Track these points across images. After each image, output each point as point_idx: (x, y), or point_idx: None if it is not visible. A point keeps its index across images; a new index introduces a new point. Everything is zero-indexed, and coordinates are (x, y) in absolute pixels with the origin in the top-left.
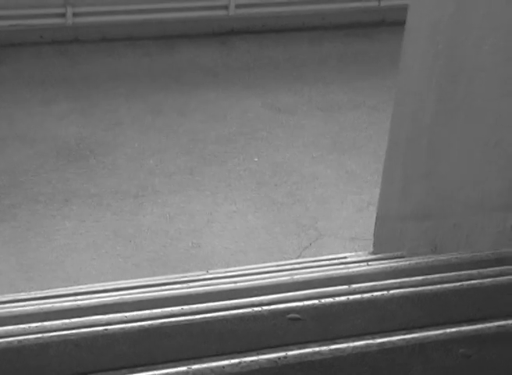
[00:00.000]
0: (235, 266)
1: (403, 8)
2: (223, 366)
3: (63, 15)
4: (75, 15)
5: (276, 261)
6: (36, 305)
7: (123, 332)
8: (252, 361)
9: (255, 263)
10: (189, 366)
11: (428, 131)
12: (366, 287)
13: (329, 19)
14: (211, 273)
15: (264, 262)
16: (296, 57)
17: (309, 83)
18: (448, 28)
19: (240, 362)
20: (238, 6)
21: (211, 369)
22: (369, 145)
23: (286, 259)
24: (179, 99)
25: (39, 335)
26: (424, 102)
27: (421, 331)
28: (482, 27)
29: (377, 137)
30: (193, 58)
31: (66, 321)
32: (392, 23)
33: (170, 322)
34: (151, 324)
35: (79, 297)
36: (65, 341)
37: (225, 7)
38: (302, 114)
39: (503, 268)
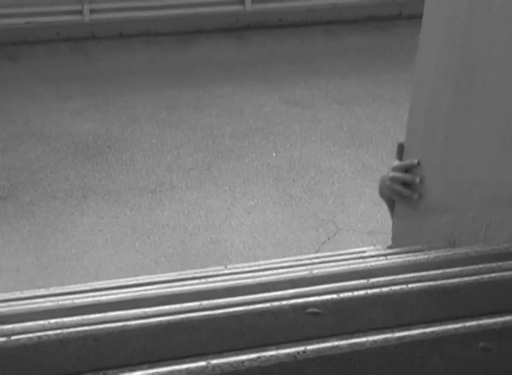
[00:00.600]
0: (253, 261)
1: (420, 2)
2: (242, 361)
3: (80, 12)
4: (92, 11)
5: (295, 255)
6: (55, 301)
7: (143, 327)
8: (271, 355)
9: (274, 258)
10: (208, 361)
11: (445, 126)
12: (384, 281)
13: (346, 13)
14: (229, 269)
15: (282, 257)
16: (312, 51)
17: (326, 77)
18: (464, 22)
19: (259, 357)
20: (254, 1)
21: (231, 364)
22: (386, 139)
23: (304, 254)
24: (195, 94)
25: (58, 331)
26: (441, 97)
27: (440, 325)
28: (497, 21)
29: (394, 131)
30: (209, 54)
31: (86, 317)
32: (409, 16)
33: (189, 317)
34: (170, 319)
35: (98, 293)
36: (84, 337)
37: (242, 2)
38: (319, 107)
39: None
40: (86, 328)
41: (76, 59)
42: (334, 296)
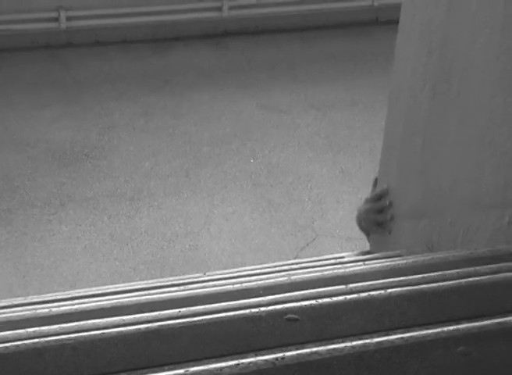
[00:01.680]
0: (232, 268)
1: (397, 7)
2: (221, 368)
3: (56, 19)
4: (68, 19)
5: (274, 262)
6: (33, 309)
7: (121, 335)
8: (250, 362)
9: (252, 264)
10: (186, 369)
11: (423, 129)
12: (363, 286)
13: (323, 19)
14: (208, 275)
15: (261, 264)
16: (290, 57)
17: (303, 83)
18: (441, 26)
19: (237, 364)
20: (231, 8)
21: (210, 371)
22: (364, 144)
23: (283, 260)
24: (173, 101)
25: (36, 340)
26: (418, 101)
27: (419, 330)
28: (474, 24)
29: (372, 136)
30: (187, 61)
31: (64, 325)
32: (386, 21)
33: (168, 324)
34: (149, 327)
35: (76, 301)
36: (62, 346)
37: (219, 9)
38: (297, 113)
39: (500, 265)
40: (63, 337)
41: (53, 67)
42: (313, 302)
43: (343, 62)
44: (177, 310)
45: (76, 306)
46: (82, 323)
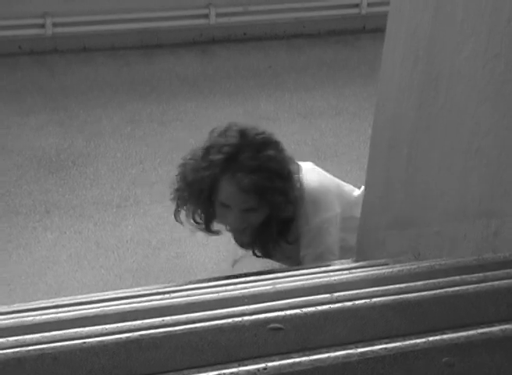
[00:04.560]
0: (218, 275)
1: (384, 15)
2: None
3: (42, 25)
4: (54, 25)
5: (259, 269)
6: (16, 318)
7: (102, 345)
8: (232, 373)
9: (238, 272)
10: None
11: (409, 139)
12: (348, 295)
13: (310, 27)
14: (193, 283)
15: (246, 271)
16: (277, 65)
17: (290, 91)
18: (427, 34)
19: None
20: (218, 15)
21: None
22: (351, 152)
23: (268, 268)
24: (160, 108)
25: (16, 349)
26: (405, 109)
27: (403, 340)
28: (460, 33)
29: (358, 144)
30: (173, 68)
31: (45, 334)
32: (373, 30)
33: (149, 334)
34: (130, 336)
35: (60, 309)
36: (42, 355)
37: (206, 16)
38: (283, 121)
39: (486, 274)
40: (44, 346)
41: (38, 73)
42: (297, 311)
43: (329, 70)
44: (160, 319)
45: (59, 315)
46: (64, 332)
